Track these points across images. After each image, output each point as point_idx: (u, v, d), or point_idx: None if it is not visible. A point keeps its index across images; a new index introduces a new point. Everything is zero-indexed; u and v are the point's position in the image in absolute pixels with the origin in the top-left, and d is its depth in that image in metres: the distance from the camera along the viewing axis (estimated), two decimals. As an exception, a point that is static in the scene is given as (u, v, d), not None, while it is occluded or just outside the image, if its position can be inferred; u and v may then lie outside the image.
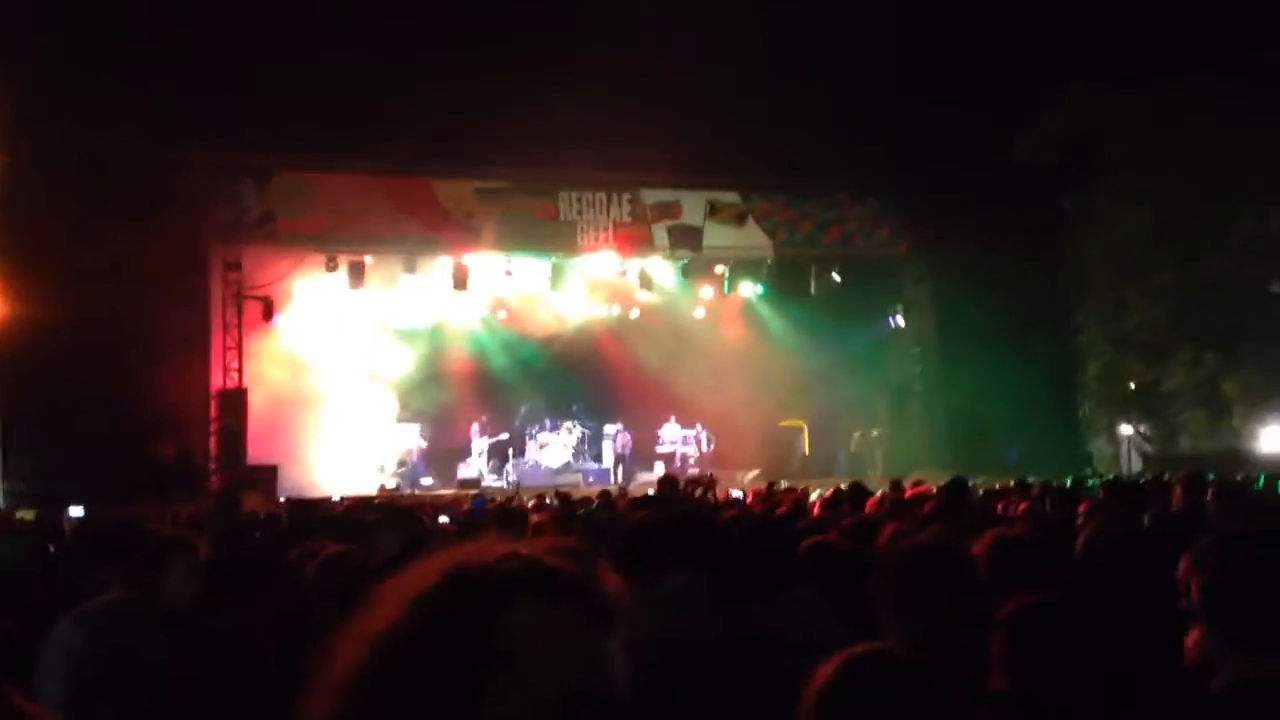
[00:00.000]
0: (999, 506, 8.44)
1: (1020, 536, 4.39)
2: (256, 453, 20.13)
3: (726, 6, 19.26)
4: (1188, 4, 20.30)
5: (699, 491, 12.65)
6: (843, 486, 11.51)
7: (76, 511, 13.79)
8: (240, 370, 20.63)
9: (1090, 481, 13.54)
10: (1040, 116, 22.68)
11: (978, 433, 21.62)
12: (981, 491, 10.77)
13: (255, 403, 20.49)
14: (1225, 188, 21.93)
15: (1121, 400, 24.46)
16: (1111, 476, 14.92)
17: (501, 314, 23.48)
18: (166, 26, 17.76)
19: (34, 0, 16.94)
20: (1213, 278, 22.69)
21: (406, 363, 22.75)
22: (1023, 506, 8.38)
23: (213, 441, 19.94)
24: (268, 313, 20.82)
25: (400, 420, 22.52)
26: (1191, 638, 2.43)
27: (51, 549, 6.84)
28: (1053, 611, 2.93)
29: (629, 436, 23.43)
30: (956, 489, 8.22)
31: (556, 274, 22.59)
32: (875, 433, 24.43)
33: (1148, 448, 23.98)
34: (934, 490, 9.36)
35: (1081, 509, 6.65)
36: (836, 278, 23.68)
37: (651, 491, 10.78)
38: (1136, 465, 23.23)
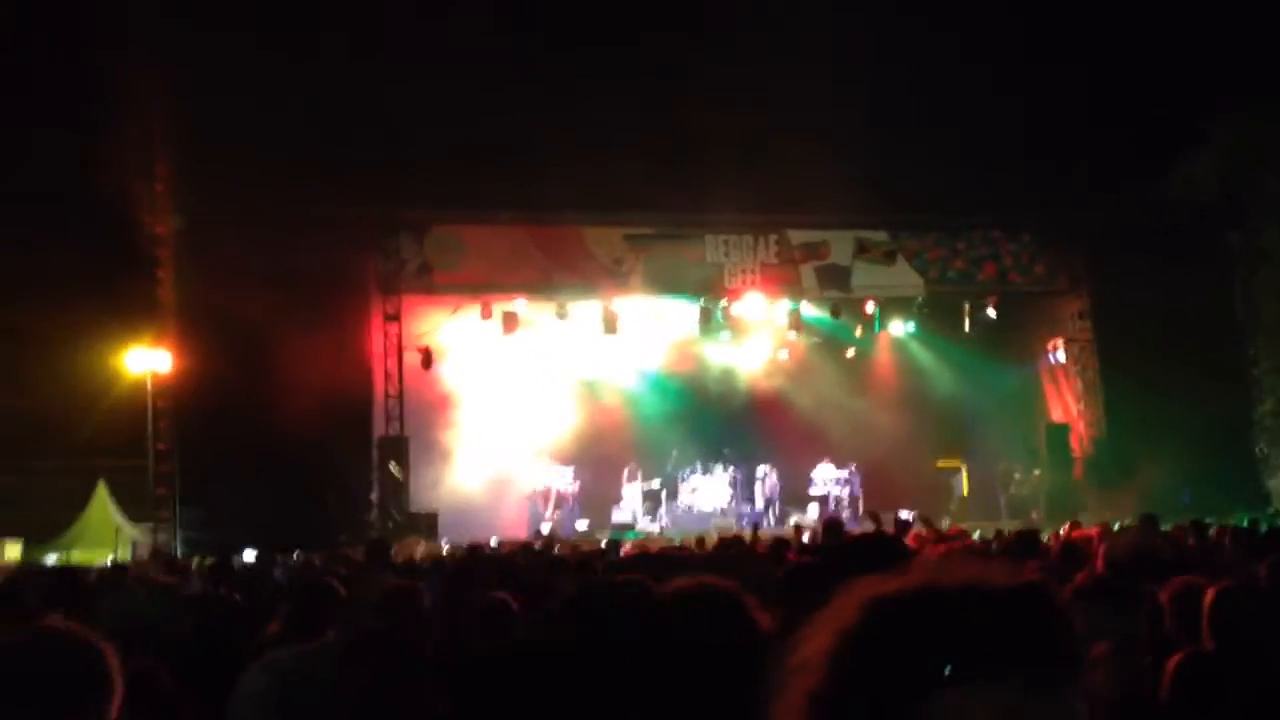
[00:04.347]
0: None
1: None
2: (418, 500, 20.65)
3: (874, 44, 19.14)
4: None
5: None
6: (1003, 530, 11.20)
7: (249, 557, 14.38)
8: (402, 419, 21.21)
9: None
10: (1199, 147, 21.88)
11: (1147, 473, 20.74)
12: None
13: (416, 451, 21.04)
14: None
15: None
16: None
17: (652, 358, 23.61)
18: (323, 87, 18.48)
19: (201, 63, 17.79)
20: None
21: (560, 409, 23.05)
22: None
23: (376, 489, 20.47)
24: (426, 362, 21.39)
25: (554, 465, 22.77)
26: None
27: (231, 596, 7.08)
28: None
29: (777, 478, 23.20)
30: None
31: (705, 317, 22.64)
32: (1036, 473, 23.66)
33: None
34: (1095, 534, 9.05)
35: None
36: (992, 314, 23.11)
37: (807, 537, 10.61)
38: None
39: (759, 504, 22.99)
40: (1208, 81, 20.41)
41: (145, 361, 18.93)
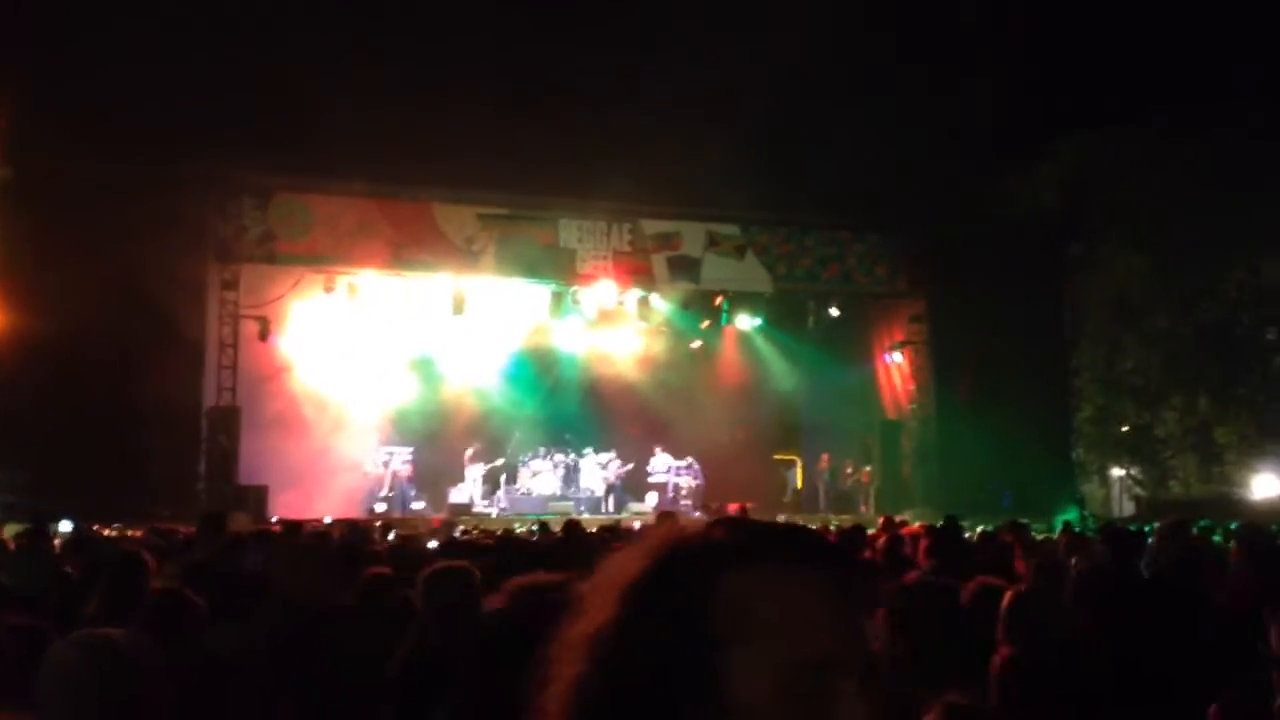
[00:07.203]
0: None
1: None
2: (247, 473, 20.05)
3: (730, 42, 19.33)
4: (1192, 51, 20.41)
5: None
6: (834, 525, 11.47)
7: (65, 527, 13.71)
8: (234, 389, 20.57)
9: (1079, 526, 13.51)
10: (1041, 160, 22.72)
11: (971, 473, 21.54)
12: (978, 532, 10.73)
13: (247, 423, 20.43)
14: (1222, 237, 22.02)
15: (1114, 443, 24.45)
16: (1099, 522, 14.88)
17: (499, 341, 23.41)
18: (170, 43, 17.79)
19: (39, 18, 16.93)
20: (1208, 325, 22.77)
21: (401, 387, 22.70)
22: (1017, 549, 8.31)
23: (203, 460, 19.81)
24: (264, 333, 20.78)
25: (393, 444, 22.45)
26: None
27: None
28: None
29: (621, 466, 23.35)
30: (950, 530, 8.15)
31: (555, 302, 22.59)
32: (867, 469, 24.37)
33: (1139, 491, 23.96)
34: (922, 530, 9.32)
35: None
36: (835, 313, 23.69)
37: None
38: (1128, 509, 23.21)
39: (599, 490, 23.10)
40: (1054, 93, 21.22)
41: (-40, 317, 17.92)
